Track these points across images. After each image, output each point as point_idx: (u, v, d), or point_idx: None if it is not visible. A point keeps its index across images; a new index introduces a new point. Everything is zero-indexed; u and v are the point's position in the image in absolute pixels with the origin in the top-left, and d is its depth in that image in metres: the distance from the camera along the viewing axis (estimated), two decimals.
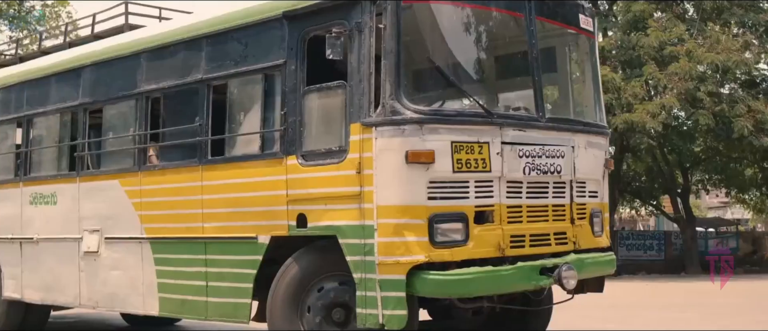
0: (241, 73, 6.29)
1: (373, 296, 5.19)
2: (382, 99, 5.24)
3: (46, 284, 8.11)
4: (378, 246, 5.16)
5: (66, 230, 7.84)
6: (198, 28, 6.70)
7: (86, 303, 7.69)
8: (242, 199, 6.12)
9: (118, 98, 7.47)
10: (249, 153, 6.17)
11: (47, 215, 8.11)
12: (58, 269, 7.92)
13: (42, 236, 8.14)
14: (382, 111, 5.24)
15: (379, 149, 5.21)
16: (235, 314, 6.20)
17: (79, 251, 7.68)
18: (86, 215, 7.62)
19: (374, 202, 5.20)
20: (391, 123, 5.19)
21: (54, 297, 8.09)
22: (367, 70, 5.32)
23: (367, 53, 5.33)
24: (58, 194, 7.99)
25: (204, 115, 6.47)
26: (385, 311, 5.14)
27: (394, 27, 5.25)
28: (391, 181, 5.17)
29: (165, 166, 6.90)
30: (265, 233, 5.93)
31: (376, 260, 5.17)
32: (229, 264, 6.23)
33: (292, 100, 5.78)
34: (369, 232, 5.22)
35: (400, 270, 5.12)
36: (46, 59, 8.67)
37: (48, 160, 8.41)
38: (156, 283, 6.86)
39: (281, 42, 5.92)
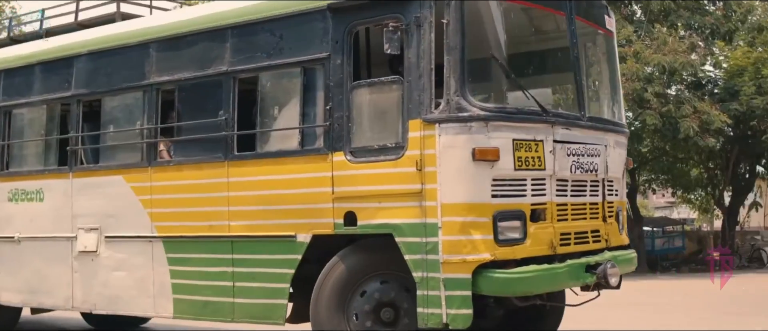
0: (276, 66, 6.24)
1: (436, 295, 5.28)
2: (446, 95, 5.33)
3: (29, 286, 7.80)
4: (442, 245, 5.26)
5: (56, 228, 7.56)
6: (221, 18, 6.59)
7: (81, 306, 7.44)
8: (278, 196, 6.09)
9: (121, 90, 7.26)
10: (286, 149, 6.13)
11: (32, 212, 7.79)
12: (46, 270, 7.63)
13: (25, 235, 7.82)
14: (446, 107, 5.33)
15: (443, 146, 5.31)
16: (268, 315, 6.16)
17: (72, 251, 7.43)
18: (81, 212, 7.37)
19: (438, 199, 5.29)
20: (456, 120, 5.29)
21: (39, 300, 7.79)
22: (427, 65, 5.40)
23: (427, 48, 5.41)
24: (46, 190, 7.68)
25: (229, 109, 6.38)
26: (450, 310, 5.24)
27: (459, 22, 5.35)
28: (456, 178, 5.27)
29: (182, 161, 6.75)
30: (305, 231, 5.92)
31: (440, 259, 5.27)
32: (261, 264, 6.18)
33: (338, 94, 5.79)
34: (432, 230, 5.31)
35: (465, 269, 5.23)
36: (26, 47, 8.30)
37: (32, 154, 8.08)
38: (170, 284, 6.72)
39: (324, 35, 5.92)
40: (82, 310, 7.56)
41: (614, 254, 6.29)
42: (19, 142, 8.13)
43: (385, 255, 5.70)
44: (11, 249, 7.95)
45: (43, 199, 7.74)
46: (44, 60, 7.90)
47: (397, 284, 5.69)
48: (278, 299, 6.07)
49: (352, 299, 5.76)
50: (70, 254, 7.46)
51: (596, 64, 7.10)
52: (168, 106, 7.07)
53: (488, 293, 5.33)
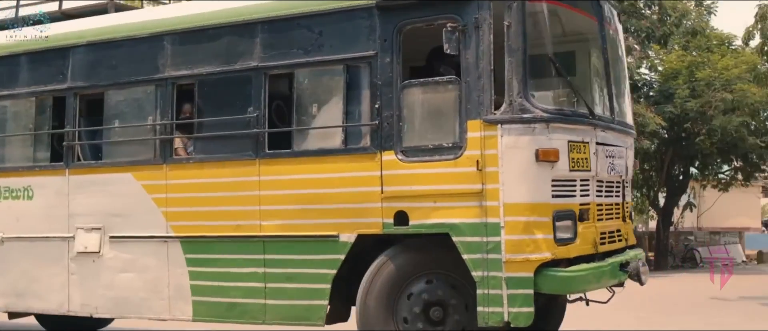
0: (314, 63, 6.30)
1: (497, 293, 5.51)
2: (509, 97, 5.57)
3: (13, 290, 7.53)
4: (505, 244, 5.49)
5: (48, 228, 7.35)
6: (250, 13, 6.59)
7: (78, 309, 7.24)
8: (317, 195, 6.16)
9: (129, 83, 7.12)
10: (328, 147, 6.21)
11: (17, 211, 7.52)
12: (35, 273, 7.41)
13: (8, 235, 7.54)
14: (508, 109, 5.56)
15: (506, 147, 5.53)
16: (306, 316, 6.23)
17: (68, 252, 7.23)
18: (80, 211, 7.19)
19: (500, 199, 5.51)
20: (520, 121, 5.53)
21: (26, 304, 7.54)
22: (486, 66, 5.61)
23: (486, 50, 5.63)
24: (36, 187, 7.44)
25: (260, 106, 6.40)
26: (512, 308, 5.48)
27: (520, 25, 5.59)
28: (519, 178, 5.51)
29: (204, 158, 6.70)
30: (349, 231, 6.02)
31: (502, 258, 5.50)
32: (298, 264, 6.24)
33: (387, 93, 5.92)
34: (493, 229, 5.53)
35: (528, 268, 5.49)
36: (5, 34, 7.98)
37: (17, 149, 7.82)
38: (189, 286, 6.67)
39: (370, 33, 6.04)
40: (80, 314, 7.33)
41: (635, 253, 6.71)
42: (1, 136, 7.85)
43: (432, 254, 5.91)
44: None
45: (31, 196, 7.48)
46: (33, 50, 7.62)
47: (442, 283, 5.90)
48: (318, 300, 6.15)
49: (400, 299, 5.91)
50: (65, 255, 7.26)
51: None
52: (184, 101, 7.00)
53: (547, 291, 5.60)
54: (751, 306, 12.79)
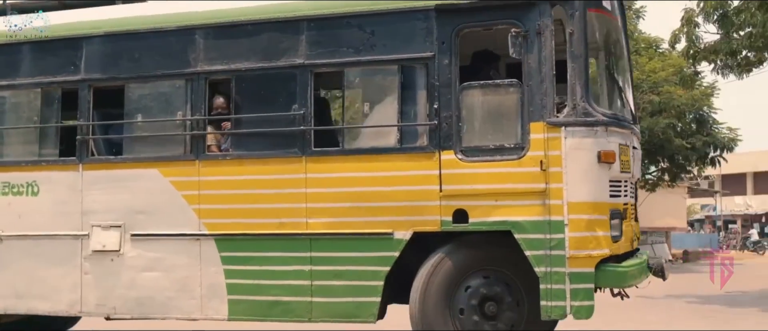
0: (366, 62, 6.51)
1: (560, 288, 5.93)
2: (572, 101, 6.00)
3: (14, 290, 7.29)
4: (569, 241, 5.91)
5: (58, 225, 7.18)
6: (294, 9, 6.69)
7: (93, 310, 7.10)
8: (370, 193, 6.37)
9: (154, 77, 7.07)
10: (382, 146, 6.42)
11: (19, 207, 7.30)
12: (40, 272, 7.20)
13: (9, 232, 7.33)
14: (572, 112, 5.99)
15: (569, 148, 5.96)
16: (356, 313, 6.43)
17: (81, 251, 7.13)
18: (96, 208, 7.08)
19: (564, 198, 5.92)
20: (583, 124, 5.97)
21: (30, 305, 7.29)
22: (549, 71, 6.04)
23: (548, 55, 6.05)
24: (42, 182, 7.26)
25: (306, 103, 6.57)
26: (574, 302, 5.92)
27: (582, 32, 6.05)
28: (582, 178, 5.95)
29: (243, 155, 6.76)
30: (404, 228, 6.29)
31: (566, 254, 5.91)
32: (348, 262, 6.42)
33: (445, 94, 6.23)
34: (556, 227, 5.94)
35: (590, 263, 5.93)
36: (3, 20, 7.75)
37: (17, 142, 7.56)
38: (224, 284, 6.71)
39: (427, 35, 6.32)
40: (95, 314, 7.21)
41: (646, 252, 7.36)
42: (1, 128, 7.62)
43: (486, 252, 6.29)
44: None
45: (36, 192, 7.30)
46: (36, 39, 7.39)
47: (497, 279, 6.27)
48: (370, 297, 6.36)
49: (456, 294, 6.23)
50: (78, 253, 7.12)
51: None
52: (217, 96, 7.06)
53: (604, 285, 6.09)
54: (677, 304, 13.70)
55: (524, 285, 6.22)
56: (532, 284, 6.14)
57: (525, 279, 6.18)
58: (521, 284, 6.23)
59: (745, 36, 13.61)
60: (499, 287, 6.24)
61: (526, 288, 6.22)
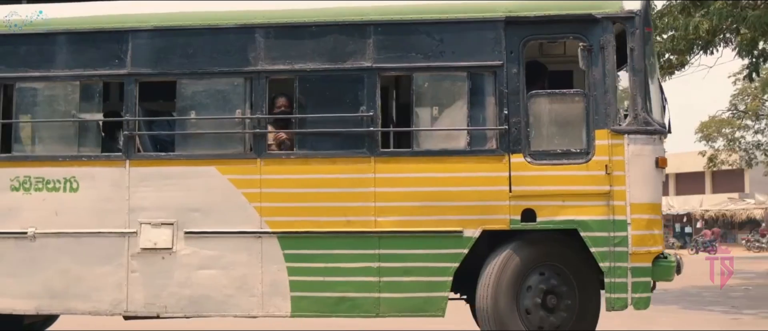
0: (435, 67, 6.93)
1: (622, 282, 6.63)
2: (634, 111, 6.74)
3: (49, 290, 7.14)
4: (631, 238, 6.63)
5: (101, 222, 7.12)
6: (361, 13, 7.02)
7: (140, 309, 7.08)
8: (440, 193, 6.81)
9: (209, 74, 7.16)
10: (452, 148, 6.87)
11: (56, 204, 7.17)
12: (79, 271, 7.10)
13: (44, 230, 7.22)
14: (634, 121, 6.71)
15: (631, 154, 6.67)
16: (425, 308, 6.85)
17: (127, 249, 7.15)
18: (145, 205, 7.09)
19: (626, 199, 6.62)
20: (644, 132, 6.69)
21: (68, 305, 7.17)
22: (612, 83, 6.75)
23: (611, 68, 6.76)
24: (83, 178, 7.17)
25: (374, 105, 6.96)
26: (634, 294, 6.64)
27: (642, 48, 6.81)
28: (643, 182, 6.67)
29: (308, 155, 7.01)
30: (473, 227, 6.80)
31: (628, 251, 6.61)
32: (418, 259, 6.82)
33: (514, 101, 6.80)
34: (620, 226, 6.63)
35: (648, 259, 6.66)
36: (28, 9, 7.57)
37: (52, 136, 7.38)
38: (287, 282, 6.94)
39: (495, 44, 6.85)
40: (142, 314, 7.18)
41: None
42: (35, 121, 7.42)
43: (548, 248, 6.92)
44: (18, 247, 7.16)
45: (76, 188, 7.21)
46: (74, 29, 7.32)
47: (553, 273, 6.87)
48: (439, 292, 6.80)
49: (521, 289, 6.80)
50: (124, 251, 7.10)
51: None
52: (277, 95, 7.31)
53: (656, 279, 6.89)
54: None
55: (576, 281, 6.91)
56: (582, 280, 6.85)
57: (577, 275, 6.89)
58: (574, 280, 6.92)
59: (668, 39, 14.77)
60: (554, 280, 6.89)
61: (578, 284, 6.91)
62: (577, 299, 6.88)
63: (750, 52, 14.02)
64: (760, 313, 11.74)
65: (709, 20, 13.67)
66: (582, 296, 6.86)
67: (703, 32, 13.96)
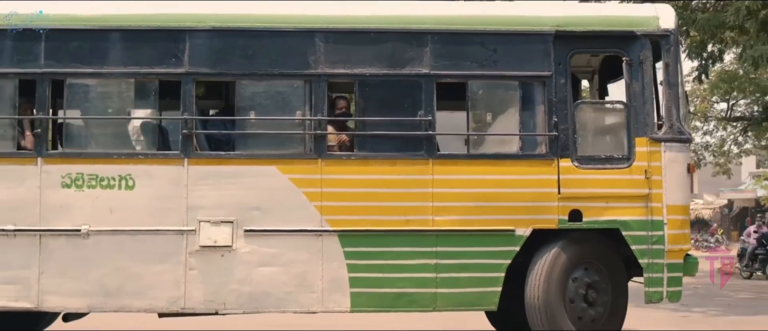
0: (489, 76, 7.48)
1: (659, 276, 7.37)
2: (669, 121, 7.49)
3: (103, 288, 7.21)
4: (668, 237, 7.38)
5: (158, 220, 7.26)
6: (419, 22, 7.47)
7: (199, 306, 7.26)
8: (493, 194, 7.34)
9: (269, 75, 7.43)
10: (505, 152, 7.45)
11: (111, 201, 7.25)
12: (135, 269, 7.23)
13: (98, 228, 7.31)
14: (669, 130, 7.45)
15: (667, 160, 7.39)
16: (479, 302, 7.38)
17: (185, 246, 7.34)
18: (204, 203, 7.28)
19: (663, 202, 7.36)
20: (679, 140, 7.44)
21: (122, 303, 7.27)
22: (650, 95, 7.51)
23: (649, 82, 7.51)
24: (139, 176, 7.29)
25: (432, 110, 7.43)
26: (669, 288, 7.39)
27: (675, 64, 7.59)
28: (677, 186, 7.42)
29: (368, 156, 7.38)
30: (524, 226, 7.37)
31: (665, 248, 7.34)
32: (472, 256, 7.33)
33: (562, 110, 7.42)
34: (657, 226, 7.35)
35: (680, 256, 7.41)
36: (93, 6, 7.56)
37: (105, 134, 7.45)
38: (347, 278, 7.31)
39: (544, 56, 7.44)
40: (200, 311, 7.31)
41: None
42: (87, 118, 7.44)
43: (588, 246, 7.56)
44: (70, 245, 7.21)
45: (132, 186, 7.32)
46: (129, 27, 7.43)
47: (593, 270, 7.50)
48: (492, 287, 7.33)
49: (568, 281, 7.42)
50: (182, 249, 7.26)
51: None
52: (336, 98, 7.67)
53: (686, 274, 7.72)
54: None
55: (611, 279, 7.63)
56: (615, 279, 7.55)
57: (612, 274, 7.61)
58: (609, 278, 7.65)
59: None
60: (597, 277, 7.57)
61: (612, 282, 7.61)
62: (610, 296, 7.58)
63: (699, 55, 15.09)
64: (709, 311, 12.77)
65: None
66: (614, 293, 7.57)
67: None
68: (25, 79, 7.42)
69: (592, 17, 7.62)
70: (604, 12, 7.96)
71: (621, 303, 7.62)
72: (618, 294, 7.58)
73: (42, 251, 7.25)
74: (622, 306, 7.66)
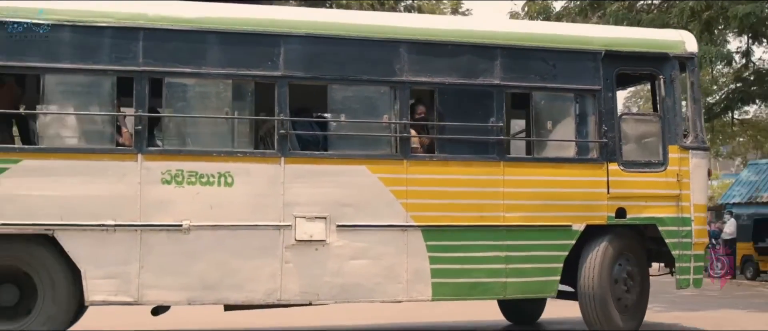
0: (550, 88, 8.48)
1: (687, 266, 8.66)
2: (694, 131, 8.86)
3: (202, 282, 7.55)
4: (694, 232, 8.72)
5: (257, 216, 7.71)
6: (491, 37, 8.36)
7: (294, 298, 7.74)
8: (553, 193, 8.35)
9: (358, 81, 8.04)
10: (564, 156, 8.46)
11: (211, 198, 7.63)
12: (234, 263, 7.62)
13: (199, 223, 7.65)
14: (695, 140, 8.81)
15: (694, 166, 8.72)
16: (541, 289, 8.38)
17: (282, 241, 7.84)
18: (300, 200, 7.79)
19: (691, 201, 8.68)
20: (702, 149, 8.78)
21: (221, 295, 7.63)
22: (679, 108, 8.85)
23: (678, 97, 8.85)
24: (238, 174, 7.71)
25: (502, 117, 8.36)
26: (694, 276, 8.78)
27: (697, 81, 8.95)
28: (700, 188, 8.76)
29: (448, 158, 8.16)
30: (579, 222, 8.44)
31: (692, 242, 8.67)
32: (537, 248, 8.29)
33: (609, 120, 8.57)
34: (686, 222, 8.64)
35: (702, 248, 8.74)
36: (188, 6, 7.83)
37: (204, 132, 7.74)
38: (429, 270, 8.06)
39: (595, 72, 8.55)
40: (294, 302, 7.75)
41: None
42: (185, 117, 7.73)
43: (625, 241, 8.82)
44: (171, 240, 7.51)
45: (231, 183, 7.70)
46: (226, 30, 7.79)
47: (631, 260, 8.69)
48: (553, 276, 8.34)
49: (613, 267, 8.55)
50: (278, 243, 7.76)
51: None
52: (417, 103, 8.39)
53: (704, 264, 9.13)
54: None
55: (641, 269, 8.92)
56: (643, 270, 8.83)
57: (641, 265, 8.90)
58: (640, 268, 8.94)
59: None
60: (632, 267, 8.78)
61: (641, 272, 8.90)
62: (639, 285, 8.87)
63: None
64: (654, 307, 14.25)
65: (605, 22, 15.48)
66: (642, 283, 8.85)
67: None
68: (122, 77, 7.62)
69: (634, 39, 8.87)
70: (643, 35, 9.22)
71: (646, 291, 8.90)
72: (645, 284, 8.86)
73: (142, 245, 7.48)
74: (646, 294, 8.93)
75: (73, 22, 7.55)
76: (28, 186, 7.29)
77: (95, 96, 7.63)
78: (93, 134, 7.64)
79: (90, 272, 7.36)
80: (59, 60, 7.51)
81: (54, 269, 7.39)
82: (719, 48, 14.93)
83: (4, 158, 7.32)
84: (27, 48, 7.43)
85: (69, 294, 7.44)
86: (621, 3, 16.36)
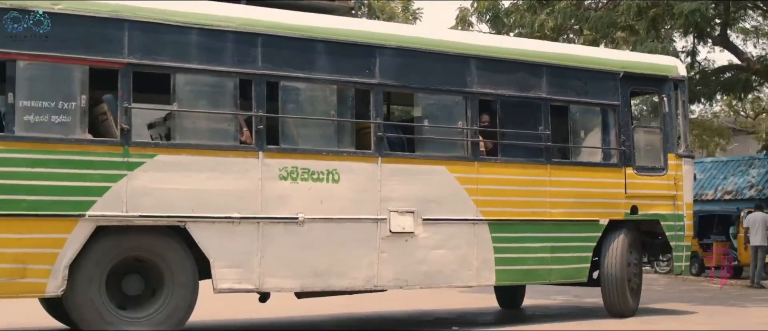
0: (582, 102, 9.95)
1: (681, 255, 10.50)
2: (685, 142, 10.71)
3: (313, 270, 8.29)
4: (686, 227, 10.61)
5: (358, 210, 8.56)
6: (539, 56, 9.70)
7: (387, 283, 8.62)
8: (586, 192, 9.90)
9: (439, 90, 9.09)
10: (593, 161, 9.99)
11: (321, 193, 8.37)
12: (340, 253, 8.42)
13: (311, 216, 8.40)
14: (685, 149, 10.69)
15: (685, 171, 10.58)
16: (576, 275, 9.84)
17: (378, 233, 8.75)
18: (393, 196, 8.70)
19: (684, 201, 10.52)
20: (690, 157, 10.66)
21: (327, 282, 8.38)
22: (675, 122, 10.70)
23: (674, 113, 10.71)
24: (343, 171, 8.47)
25: (547, 125, 9.76)
26: (685, 263, 10.68)
27: (687, 100, 10.89)
28: (690, 189, 10.66)
29: (508, 160, 9.37)
30: (605, 217, 9.99)
31: (684, 234, 10.51)
32: (573, 239, 9.75)
33: (626, 131, 10.20)
34: (681, 218, 10.41)
35: (690, 240, 10.75)
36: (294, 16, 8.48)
37: (314, 133, 8.46)
38: (493, 258, 9.28)
39: (614, 90, 10.14)
40: (387, 288, 8.62)
41: None
42: (301, 118, 8.41)
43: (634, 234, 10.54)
44: (288, 232, 8.18)
45: (337, 180, 8.48)
46: (331, 39, 8.55)
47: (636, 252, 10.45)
48: (584, 264, 9.80)
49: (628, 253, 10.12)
50: (375, 235, 8.63)
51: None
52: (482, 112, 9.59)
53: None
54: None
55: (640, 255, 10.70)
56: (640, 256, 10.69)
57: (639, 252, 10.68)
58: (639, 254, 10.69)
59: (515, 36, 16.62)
60: (637, 255, 10.58)
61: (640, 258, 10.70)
62: (639, 271, 10.64)
63: None
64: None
65: (554, 18, 16.06)
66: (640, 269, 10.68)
67: (548, 30, 15.95)
68: (242, 79, 8.23)
69: (644, 63, 10.62)
70: (650, 60, 11.00)
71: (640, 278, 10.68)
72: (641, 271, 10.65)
73: (262, 237, 8.16)
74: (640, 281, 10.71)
75: (200, 25, 8.01)
76: (162, 180, 7.68)
77: (219, 96, 8.14)
78: (218, 132, 8.12)
79: (218, 262, 7.87)
80: (189, 61, 7.96)
81: (182, 260, 7.85)
82: (665, 46, 15.27)
83: (141, 152, 7.69)
84: (160, 48, 7.82)
85: (194, 284, 7.94)
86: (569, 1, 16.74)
